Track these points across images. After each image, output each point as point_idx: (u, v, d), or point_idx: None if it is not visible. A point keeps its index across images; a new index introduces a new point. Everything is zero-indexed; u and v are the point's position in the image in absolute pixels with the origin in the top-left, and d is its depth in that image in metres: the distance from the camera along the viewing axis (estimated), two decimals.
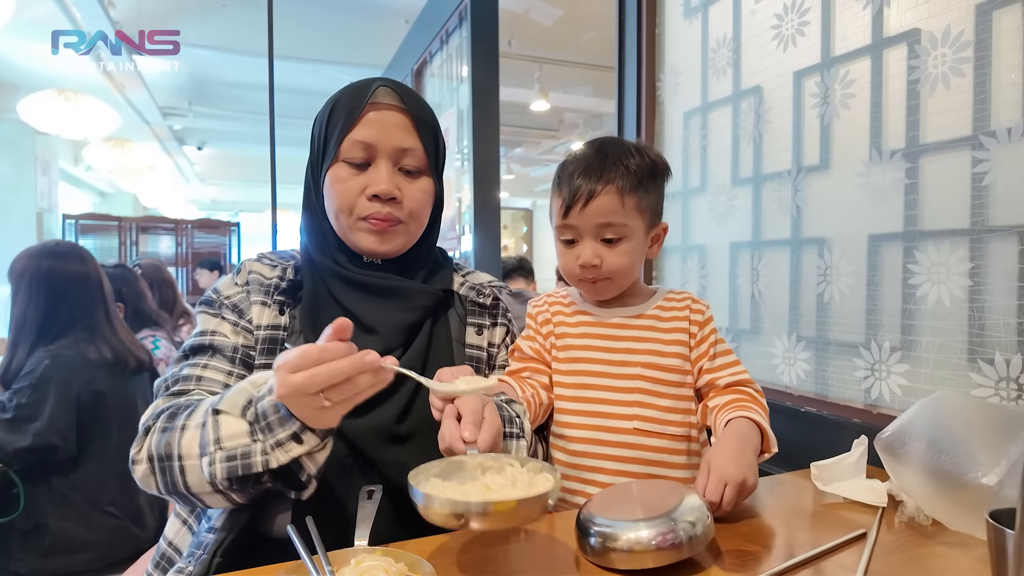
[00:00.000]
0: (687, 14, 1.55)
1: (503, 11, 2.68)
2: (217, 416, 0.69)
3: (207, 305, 0.89)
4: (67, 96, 4.24)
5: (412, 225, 0.90)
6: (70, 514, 1.63)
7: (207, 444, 0.68)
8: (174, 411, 0.75)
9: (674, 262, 1.61)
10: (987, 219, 0.93)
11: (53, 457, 1.62)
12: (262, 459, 0.66)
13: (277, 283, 0.89)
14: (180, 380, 0.82)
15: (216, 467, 0.67)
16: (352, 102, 0.86)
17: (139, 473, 0.74)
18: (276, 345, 0.86)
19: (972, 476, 0.67)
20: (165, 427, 0.74)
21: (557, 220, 0.94)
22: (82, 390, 1.66)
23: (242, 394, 0.70)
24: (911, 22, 1.03)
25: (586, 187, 0.89)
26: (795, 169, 1.25)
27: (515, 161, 8.50)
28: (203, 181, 10.37)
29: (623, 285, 0.97)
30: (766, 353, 1.33)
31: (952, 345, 0.98)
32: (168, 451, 0.71)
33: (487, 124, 2.63)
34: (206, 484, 0.69)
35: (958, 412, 0.76)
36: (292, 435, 0.65)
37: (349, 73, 5.04)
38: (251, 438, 0.67)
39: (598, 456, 0.93)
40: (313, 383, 0.60)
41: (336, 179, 0.86)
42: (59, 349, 1.66)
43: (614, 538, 0.64)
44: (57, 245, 1.80)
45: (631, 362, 0.95)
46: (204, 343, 0.85)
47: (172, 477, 0.71)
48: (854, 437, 0.94)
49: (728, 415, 0.88)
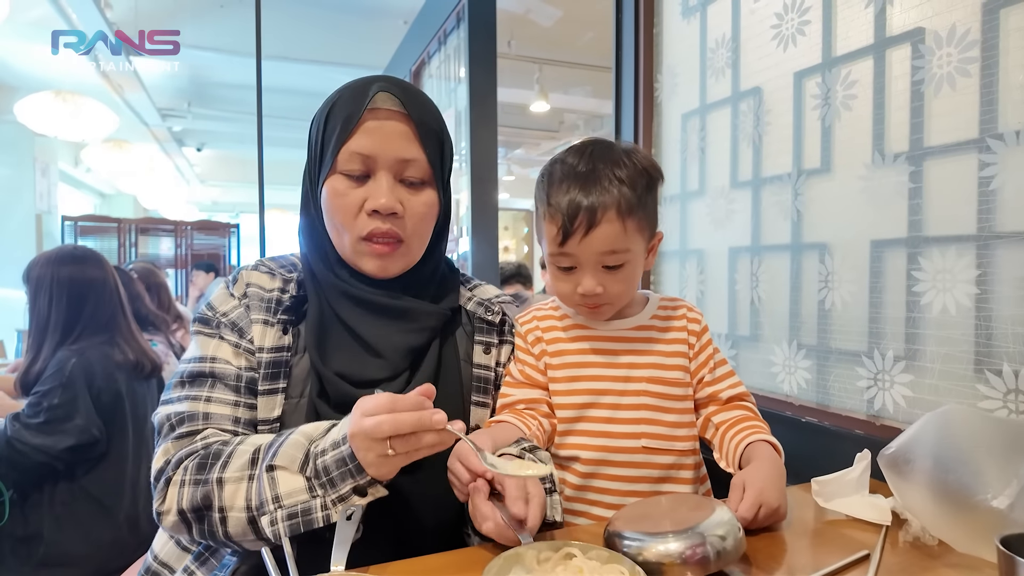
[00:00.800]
0: (685, 14, 1.52)
1: (502, 12, 2.66)
2: (273, 472, 0.67)
3: (203, 324, 0.83)
4: (65, 98, 4.22)
5: (414, 244, 0.84)
6: (67, 525, 1.61)
7: (266, 503, 0.67)
8: (201, 461, 0.72)
9: (672, 267, 1.58)
10: (994, 225, 0.90)
11: (91, 453, 1.62)
12: (323, 514, 0.66)
13: (279, 297, 0.83)
14: (185, 420, 0.77)
15: (279, 526, 0.66)
16: (349, 108, 0.79)
17: (168, 524, 0.72)
18: (280, 368, 0.81)
19: (981, 498, 0.64)
20: (197, 480, 0.71)
21: (551, 247, 0.87)
22: (104, 390, 1.65)
23: (298, 448, 0.68)
24: (915, 21, 1.00)
25: (585, 215, 0.81)
26: (795, 172, 1.21)
27: (515, 162, 8.48)
28: (203, 182, 10.37)
29: (621, 305, 0.93)
30: (766, 361, 1.29)
31: (958, 355, 0.95)
32: (207, 503, 0.69)
33: (485, 125, 2.60)
34: (249, 533, 0.68)
35: (965, 428, 0.73)
36: (355, 488, 0.66)
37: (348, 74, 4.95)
38: (310, 494, 0.66)
39: (605, 477, 0.90)
40: (379, 430, 0.62)
41: (334, 192, 0.80)
42: (83, 349, 1.66)
43: (644, 551, 0.63)
44: (75, 250, 1.81)
45: (635, 377, 0.91)
46: (204, 370, 0.80)
47: (211, 527, 0.70)
48: (856, 449, 0.91)
49: (748, 436, 0.86)
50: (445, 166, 0.87)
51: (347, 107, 0.80)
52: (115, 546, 1.66)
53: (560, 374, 0.93)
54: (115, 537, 1.66)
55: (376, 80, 0.82)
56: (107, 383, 1.66)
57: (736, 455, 0.86)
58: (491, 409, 0.95)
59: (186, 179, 9.87)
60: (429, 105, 0.85)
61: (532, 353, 0.95)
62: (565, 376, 0.93)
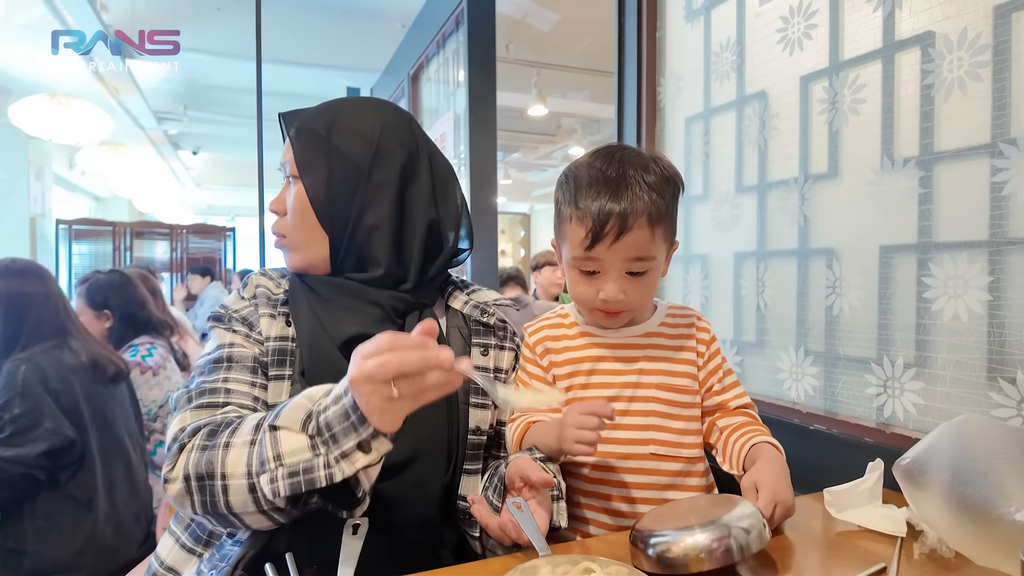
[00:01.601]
0: (689, 17, 1.51)
1: (501, 16, 2.65)
2: (276, 432, 0.66)
3: (217, 320, 0.88)
4: (59, 101, 4.18)
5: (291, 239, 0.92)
6: (49, 536, 1.58)
7: (267, 461, 0.65)
8: (213, 428, 0.72)
9: (676, 272, 1.56)
10: (1007, 231, 0.89)
11: (69, 456, 1.58)
12: (326, 473, 0.63)
13: (281, 297, 0.89)
14: (206, 392, 0.79)
15: (279, 484, 0.63)
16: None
17: (173, 492, 0.70)
18: (286, 356, 0.84)
19: (1003, 511, 0.62)
20: (205, 445, 0.70)
21: (577, 251, 0.85)
22: (61, 392, 1.61)
23: (300, 409, 0.66)
24: (925, 24, 0.99)
25: (616, 220, 0.80)
26: (802, 177, 1.20)
27: (513, 166, 8.47)
28: (199, 186, 10.32)
29: (639, 312, 0.93)
30: (772, 367, 1.28)
31: (970, 363, 0.93)
32: (210, 469, 0.68)
33: (484, 129, 2.59)
34: (250, 504, 0.66)
35: (983, 438, 0.72)
36: (359, 444, 0.63)
37: (346, 77, 5.00)
38: (312, 452, 0.64)
39: (613, 484, 0.88)
40: (383, 370, 0.59)
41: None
42: (32, 355, 1.61)
43: (671, 546, 0.64)
44: (13, 263, 1.74)
45: (645, 383, 0.90)
46: (221, 355, 0.83)
47: (213, 496, 0.68)
48: (866, 457, 0.90)
49: (752, 438, 0.86)
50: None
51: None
52: (101, 550, 1.63)
53: (570, 382, 0.92)
54: (100, 547, 1.62)
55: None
56: (63, 385, 1.61)
57: (740, 457, 0.87)
58: (493, 414, 0.93)
59: (182, 182, 9.83)
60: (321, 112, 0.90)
61: (540, 364, 0.94)
62: (575, 384, 0.92)
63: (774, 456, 0.84)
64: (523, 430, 0.90)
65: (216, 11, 3.91)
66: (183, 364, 2.30)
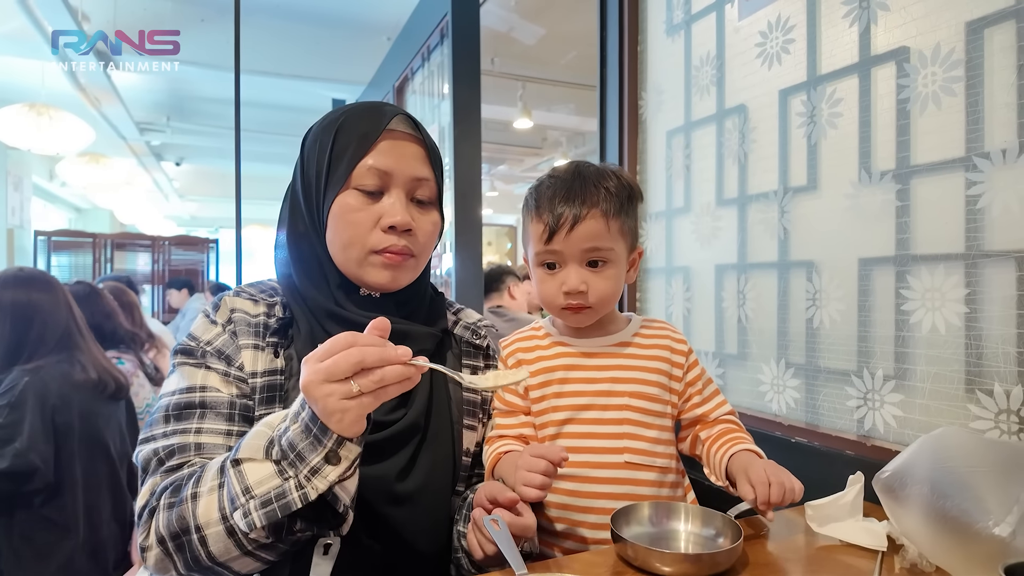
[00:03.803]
0: (670, 31, 1.52)
1: (486, 29, 2.66)
2: (239, 466, 0.63)
3: (186, 355, 0.78)
4: (39, 110, 4.13)
5: (421, 259, 0.85)
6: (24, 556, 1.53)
7: (236, 497, 0.61)
8: (177, 484, 0.68)
9: (658, 284, 1.56)
10: (983, 243, 0.89)
11: (29, 483, 1.51)
12: (299, 495, 0.61)
13: (265, 321, 0.81)
14: (176, 451, 0.72)
15: (253, 516, 0.60)
16: (365, 127, 0.80)
17: (152, 560, 0.66)
18: (276, 392, 0.78)
19: (982, 525, 0.62)
20: (171, 502, 0.66)
21: (538, 246, 0.90)
22: (56, 413, 1.57)
23: (260, 437, 0.64)
24: (899, 40, 1.00)
25: (571, 211, 0.86)
26: (782, 190, 1.21)
27: (499, 178, 8.49)
28: (182, 197, 10.23)
29: (603, 312, 0.94)
30: (754, 380, 1.28)
31: (948, 375, 0.94)
32: (183, 525, 0.64)
33: (468, 142, 2.59)
34: (233, 549, 0.63)
35: (962, 451, 0.71)
36: (326, 455, 0.61)
37: (332, 89, 4.99)
38: (281, 477, 0.61)
39: (588, 495, 0.88)
40: (341, 366, 0.57)
41: (346, 208, 0.78)
42: (39, 368, 1.58)
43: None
44: (20, 272, 1.72)
45: (618, 392, 0.90)
46: (192, 400, 0.75)
47: (193, 552, 0.64)
48: (847, 469, 0.90)
49: (732, 447, 0.88)
50: (443, 190, 0.90)
51: (362, 126, 0.80)
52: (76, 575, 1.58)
53: (543, 392, 0.93)
54: (75, 568, 1.58)
55: (387, 105, 0.84)
56: (62, 403, 1.58)
57: (722, 466, 0.87)
58: (481, 434, 0.94)
59: (164, 194, 9.73)
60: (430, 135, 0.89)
61: None
62: (548, 393, 0.92)
63: (752, 459, 0.85)
64: (494, 460, 0.89)
65: (200, 22, 3.89)
66: (155, 379, 2.25)
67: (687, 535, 0.79)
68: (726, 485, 0.88)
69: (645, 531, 0.80)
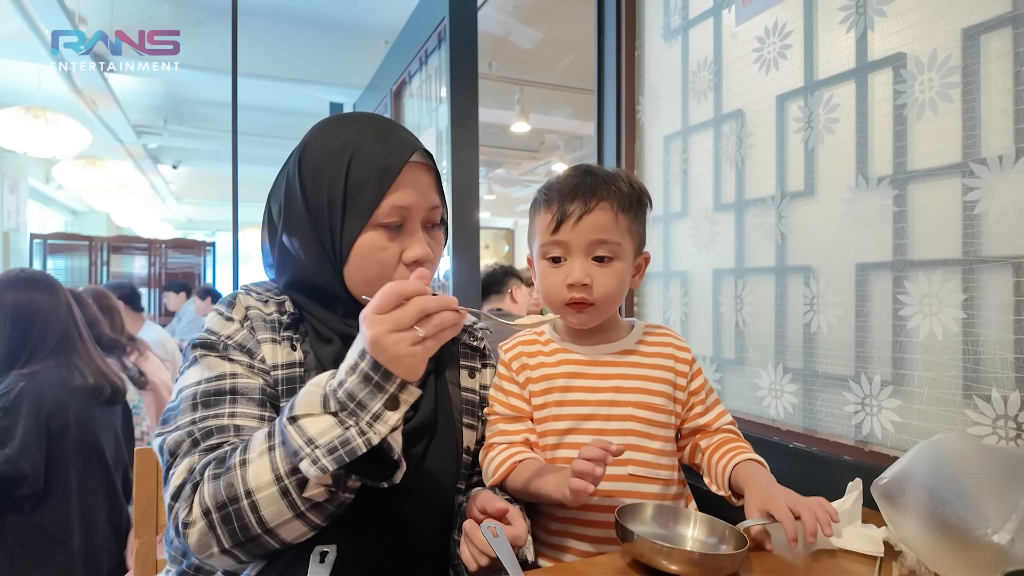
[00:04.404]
0: (667, 36, 1.52)
1: (484, 33, 2.66)
2: (296, 422, 0.64)
3: (208, 348, 0.78)
4: (35, 113, 4.11)
5: (431, 275, 0.86)
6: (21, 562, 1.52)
7: (300, 449, 0.62)
8: (220, 457, 0.68)
9: (656, 288, 1.56)
10: (980, 249, 0.89)
11: (17, 490, 1.50)
12: (363, 440, 0.63)
13: (278, 318, 0.81)
14: (212, 433, 0.72)
15: (323, 462, 0.62)
16: (383, 159, 0.78)
17: (195, 536, 0.65)
18: (296, 384, 0.78)
19: (981, 533, 0.62)
20: (217, 473, 0.66)
21: (544, 237, 0.89)
22: (51, 419, 1.56)
23: (313, 395, 0.65)
24: (896, 46, 1.00)
25: (581, 201, 0.86)
26: (779, 195, 1.21)
27: (496, 181, 8.49)
28: (179, 200, 10.21)
29: (606, 313, 0.91)
30: (751, 385, 1.28)
31: (946, 380, 0.94)
32: (231, 493, 0.64)
33: (466, 145, 2.59)
34: (286, 510, 0.64)
35: (959, 457, 0.71)
36: (387, 400, 0.64)
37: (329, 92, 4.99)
38: (342, 427, 0.63)
39: (590, 508, 0.86)
40: (408, 315, 0.63)
41: (373, 247, 0.78)
42: (37, 372, 1.57)
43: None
44: (22, 273, 1.71)
45: (621, 402, 0.89)
46: (222, 387, 0.75)
47: (241, 520, 0.64)
48: (845, 475, 0.90)
49: (734, 457, 0.87)
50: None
51: (378, 157, 0.78)
52: None
53: (544, 399, 0.91)
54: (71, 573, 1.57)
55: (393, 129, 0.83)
56: (58, 409, 1.57)
57: (725, 477, 0.86)
58: (479, 432, 0.94)
59: (161, 197, 9.71)
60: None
61: (517, 381, 0.93)
62: (550, 401, 0.91)
63: (761, 473, 0.84)
64: (510, 468, 0.86)
65: (198, 25, 3.89)
66: (138, 381, 2.25)
67: (691, 540, 0.79)
68: (728, 495, 0.87)
69: (650, 530, 0.78)
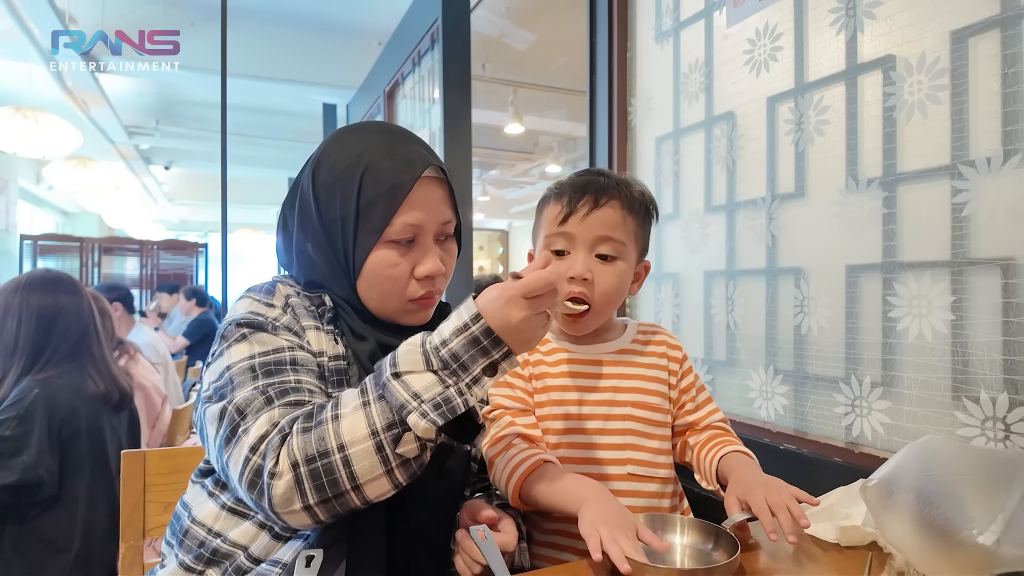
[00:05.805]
0: (659, 38, 1.53)
1: (477, 35, 2.66)
2: (400, 378, 0.65)
3: (257, 328, 0.75)
4: (25, 113, 4.08)
5: (444, 287, 0.86)
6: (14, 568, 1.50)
7: (406, 403, 0.64)
8: (308, 412, 0.67)
9: (647, 290, 1.56)
10: (968, 251, 0.90)
11: (34, 496, 1.49)
12: (461, 400, 0.65)
13: (316, 310, 0.80)
14: (289, 391, 0.70)
15: (432, 415, 0.64)
16: (394, 175, 0.77)
17: (280, 488, 0.63)
18: (342, 376, 0.77)
19: (967, 534, 0.62)
20: (307, 427, 0.65)
21: (551, 228, 0.88)
22: (63, 425, 1.55)
23: (414, 353, 0.67)
24: (886, 48, 1.01)
25: (591, 197, 0.87)
26: (770, 197, 1.21)
27: (490, 183, 8.48)
28: (171, 201, 10.16)
29: (603, 317, 0.91)
30: (742, 386, 1.28)
31: (935, 382, 0.94)
32: (323, 447, 0.63)
33: (459, 147, 2.59)
34: (378, 465, 0.64)
35: (947, 459, 0.71)
36: (487, 367, 0.66)
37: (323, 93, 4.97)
38: (443, 385, 0.65)
39: None
40: (547, 302, 0.68)
41: (385, 264, 0.78)
42: (50, 379, 1.56)
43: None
44: (47, 274, 1.70)
45: (620, 401, 0.89)
46: (282, 359, 0.72)
47: (331, 475, 0.63)
48: (835, 476, 0.90)
49: (721, 449, 0.87)
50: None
51: (390, 174, 0.77)
52: None
53: (543, 398, 0.91)
54: None
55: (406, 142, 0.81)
56: (69, 416, 1.56)
57: (712, 469, 0.87)
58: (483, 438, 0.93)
59: (153, 198, 9.66)
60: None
61: (522, 375, 0.93)
62: (548, 399, 0.91)
63: (745, 463, 0.84)
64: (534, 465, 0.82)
65: (189, 25, 3.87)
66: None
67: (683, 548, 0.78)
68: (716, 488, 0.88)
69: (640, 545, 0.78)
